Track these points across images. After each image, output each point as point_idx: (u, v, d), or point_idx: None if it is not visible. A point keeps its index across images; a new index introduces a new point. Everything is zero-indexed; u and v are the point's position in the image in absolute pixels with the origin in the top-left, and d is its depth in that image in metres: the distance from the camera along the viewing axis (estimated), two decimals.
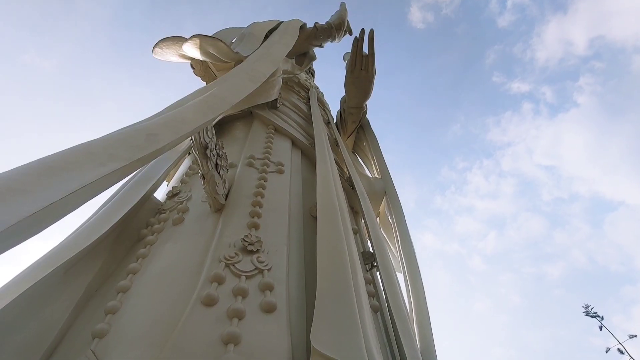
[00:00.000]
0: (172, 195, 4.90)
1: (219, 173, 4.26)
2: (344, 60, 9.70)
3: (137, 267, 3.65)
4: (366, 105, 9.41)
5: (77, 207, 2.64)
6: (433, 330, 5.06)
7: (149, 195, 4.77)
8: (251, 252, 3.63)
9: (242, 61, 6.28)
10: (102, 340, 2.93)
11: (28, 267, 3.51)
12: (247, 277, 3.36)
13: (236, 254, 3.56)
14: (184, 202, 4.57)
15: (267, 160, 5.37)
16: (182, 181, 5.23)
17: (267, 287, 3.31)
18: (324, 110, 9.12)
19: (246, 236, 3.76)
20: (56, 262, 3.32)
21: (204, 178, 4.14)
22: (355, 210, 6.37)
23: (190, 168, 5.50)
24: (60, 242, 3.86)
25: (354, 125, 9.42)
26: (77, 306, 3.28)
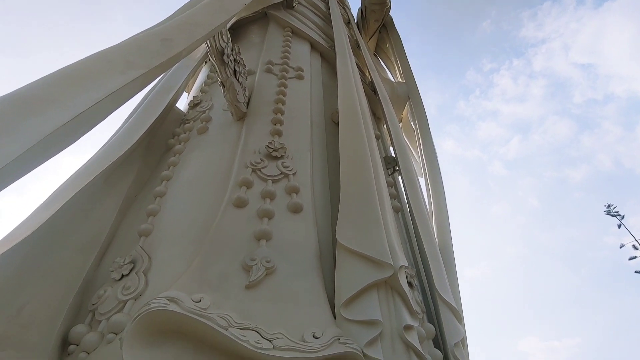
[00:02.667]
0: (194, 105, 4.91)
1: (238, 80, 4.18)
2: None
3: (170, 174, 3.86)
4: (389, 0, 8.59)
5: (104, 118, 2.71)
6: (451, 230, 5.32)
7: (171, 106, 4.81)
8: (276, 158, 3.73)
9: None
10: (147, 238, 3.26)
11: (70, 177, 3.77)
12: (273, 181, 3.52)
13: (261, 159, 3.67)
14: (207, 112, 4.60)
15: (286, 66, 5.18)
16: (202, 90, 5.19)
17: (293, 190, 3.48)
18: (343, 8, 8.42)
19: (270, 143, 3.83)
20: (95, 171, 3.54)
21: (223, 86, 4.09)
22: (377, 116, 6.26)
23: (208, 77, 5.41)
24: (95, 153, 4.06)
25: (376, 24, 8.73)
26: (121, 210, 3.58)
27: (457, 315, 3.50)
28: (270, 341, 2.35)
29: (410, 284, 3.30)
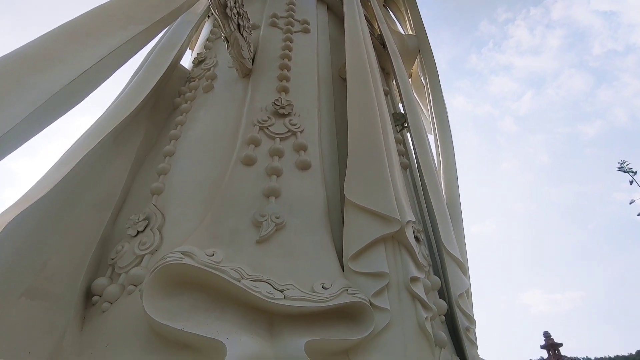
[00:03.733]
0: (198, 62, 4.82)
1: (242, 35, 4.05)
2: None
3: (178, 134, 3.87)
4: None
5: (109, 76, 2.68)
6: (459, 187, 5.33)
7: (175, 63, 4.71)
8: (283, 116, 3.70)
9: None
10: (159, 196, 3.33)
11: (80, 137, 3.80)
12: (281, 139, 3.51)
13: (269, 117, 3.64)
14: (211, 69, 4.51)
15: (291, 19, 4.98)
16: (206, 47, 5.06)
17: (301, 148, 3.48)
18: None
19: (276, 100, 3.79)
20: (104, 130, 3.55)
21: (227, 41, 3.97)
22: (386, 71, 6.09)
23: (212, 32, 5.24)
24: (103, 113, 4.06)
25: None
26: (132, 169, 3.63)
27: (463, 267, 3.59)
28: (281, 292, 2.46)
29: (417, 238, 3.37)
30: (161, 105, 4.32)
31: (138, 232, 3.04)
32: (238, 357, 2.00)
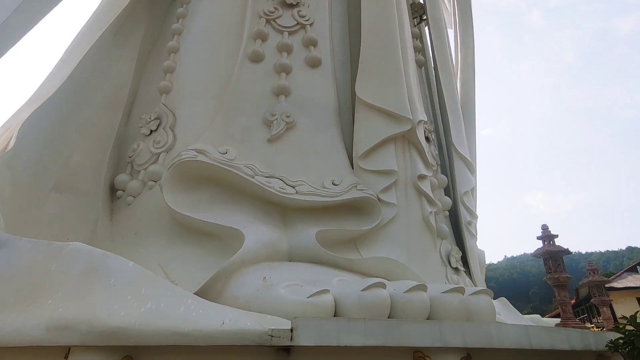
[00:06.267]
0: None
1: None
2: None
3: (180, 28, 3.65)
4: None
5: None
6: (476, 87, 5.12)
7: None
8: (291, 6, 3.42)
9: None
10: (168, 95, 3.29)
11: (79, 33, 3.62)
12: (289, 33, 3.31)
13: (275, 8, 3.38)
14: None
15: None
16: None
17: (311, 43, 3.29)
18: None
19: None
20: (102, 25, 3.36)
21: None
22: None
23: None
24: (99, 5, 3.80)
25: None
26: (137, 67, 3.53)
27: (470, 167, 3.66)
28: (293, 187, 2.58)
29: (427, 138, 3.38)
30: None
31: (151, 131, 3.09)
32: (255, 243, 2.20)
